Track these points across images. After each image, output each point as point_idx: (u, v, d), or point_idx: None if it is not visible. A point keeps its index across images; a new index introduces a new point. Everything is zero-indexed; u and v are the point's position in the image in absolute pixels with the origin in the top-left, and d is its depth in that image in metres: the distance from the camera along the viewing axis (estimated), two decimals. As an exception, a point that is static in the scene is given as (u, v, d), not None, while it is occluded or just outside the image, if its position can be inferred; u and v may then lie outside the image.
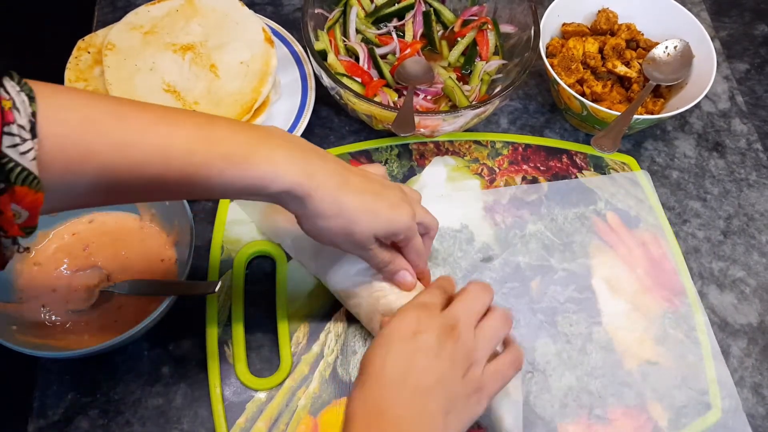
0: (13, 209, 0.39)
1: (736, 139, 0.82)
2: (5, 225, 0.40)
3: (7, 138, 0.37)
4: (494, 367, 0.51)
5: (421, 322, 0.49)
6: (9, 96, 0.38)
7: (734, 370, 0.66)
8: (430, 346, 0.48)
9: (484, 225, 0.71)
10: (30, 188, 0.39)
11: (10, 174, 0.38)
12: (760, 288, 0.71)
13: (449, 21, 0.83)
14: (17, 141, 0.38)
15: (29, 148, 0.38)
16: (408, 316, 0.50)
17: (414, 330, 0.48)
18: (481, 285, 0.54)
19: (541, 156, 0.76)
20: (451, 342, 0.48)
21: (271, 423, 0.58)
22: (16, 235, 0.41)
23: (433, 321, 0.49)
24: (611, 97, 0.78)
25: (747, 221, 0.76)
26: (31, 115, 0.38)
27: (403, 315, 0.50)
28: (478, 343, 0.50)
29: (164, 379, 0.61)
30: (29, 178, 0.38)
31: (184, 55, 0.74)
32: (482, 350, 0.50)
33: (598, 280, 0.68)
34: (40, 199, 0.40)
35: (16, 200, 0.39)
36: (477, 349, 0.50)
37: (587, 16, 0.83)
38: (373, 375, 0.47)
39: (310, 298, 0.65)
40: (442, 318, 0.50)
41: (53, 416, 0.59)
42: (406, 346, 0.48)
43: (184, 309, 0.63)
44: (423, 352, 0.47)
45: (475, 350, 0.50)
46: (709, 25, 0.93)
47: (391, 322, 0.50)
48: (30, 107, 0.38)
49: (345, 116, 0.79)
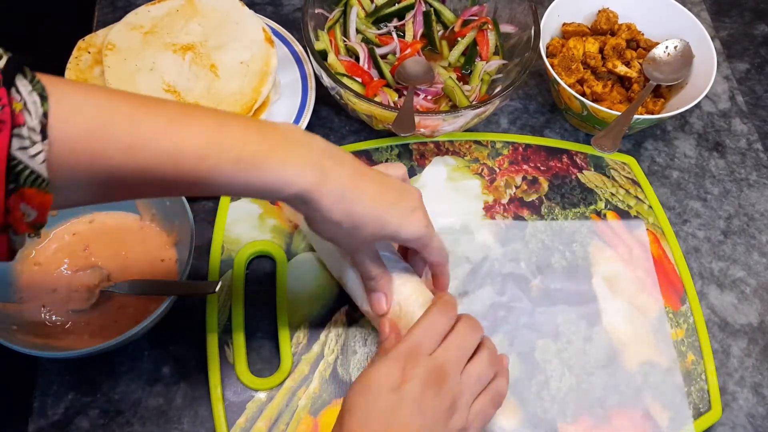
0: (22, 209, 0.39)
1: (737, 139, 0.82)
2: (15, 224, 0.40)
3: (16, 140, 0.37)
4: (477, 407, 0.51)
5: (406, 371, 0.48)
6: (20, 97, 0.38)
7: (734, 370, 0.66)
8: (414, 398, 0.47)
9: (484, 225, 0.71)
10: (39, 190, 0.39)
11: (19, 176, 0.38)
12: (761, 288, 0.71)
13: (449, 21, 0.83)
14: (27, 144, 0.37)
15: (39, 151, 0.38)
16: (393, 366, 0.49)
17: (399, 380, 0.48)
18: (471, 323, 0.53)
19: (541, 156, 0.76)
20: (435, 390, 0.48)
21: (272, 423, 0.58)
22: (25, 232, 0.41)
23: (419, 369, 0.48)
24: (611, 97, 0.78)
25: (747, 221, 0.76)
26: (42, 116, 0.38)
27: (388, 363, 0.49)
28: (464, 388, 0.50)
29: (164, 379, 0.61)
30: (38, 180, 0.38)
31: (184, 55, 0.74)
32: (467, 395, 0.50)
33: (598, 280, 0.68)
34: (48, 200, 0.40)
35: (25, 201, 0.39)
36: (463, 394, 0.50)
37: (587, 16, 0.83)
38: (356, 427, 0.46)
39: (310, 298, 0.65)
40: (430, 363, 0.49)
41: (53, 416, 0.59)
42: (389, 399, 0.47)
43: (184, 309, 0.63)
44: (406, 404, 0.47)
45: (461, 396, 0.50)
46: (710, 25, 0.93)
47: (376, 368, 0.49)
48: (42, 107, 0.38)
49: (345, 116, 0.79)
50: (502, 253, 0.69)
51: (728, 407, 0.64)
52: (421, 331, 0.52)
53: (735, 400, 0.64)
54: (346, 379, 0.61)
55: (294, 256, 0.67)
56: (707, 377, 0.63)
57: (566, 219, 0.72)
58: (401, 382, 0.48)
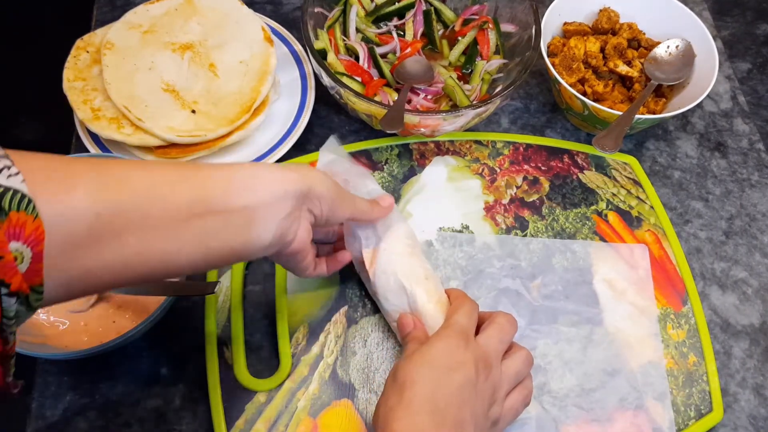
0: (12, 249, 0.33)
1: (738, 139, 0.82)
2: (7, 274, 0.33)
3: None
4: (510, 403, 0.53)
5: (463, 353, 0.50)
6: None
7: (736, 371, 0.65)
8: (470, 380, 0.49)
9: (484, 225, 0.70)
10: (27, 214, 0.34)
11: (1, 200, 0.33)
12: (762, 289, 0.71)
13: (450, 20, 0.83)
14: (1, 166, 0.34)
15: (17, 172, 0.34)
16: (453, 343, 0.51)
17: (458, 360, 0.50)
18: (509, 317, 0.56)
19: (542, 156, 0.76)
20: (483, 377, 0.50)
21: (271, 424, 0.58)
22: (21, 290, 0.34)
23: (471, 353, 0.51)
24: (613, 96, 0.77)
25: (749, 222, 0.75)
26: None
27: (447, 339, 0.52)
28: (503, 380, 0.53)
29: (163, 380, 0.61)
30: (24, 201, 0.34)
31: (183, 54, 0.74)
32: (505, 388, 0.53)
33: (599, 281, 0.68)
34: (41, 231, 0.34)
35: (15, 234, 0.33)
36: (502, 386, 0.52)
37: (588, 16, 0.83)
38: (420, 398, 0.48)
39: (309, 299, 0.64)
40: (478, 349, 0.52)
41: (52, 417, 0.59)
42: (452, 378, 0.49)
43: (183, 310, 0.63)
44: (464, 386, 0.49)
45: (500, 387, 0.52)
46: (711, 25, 0.92)
47: (436, 345, 0.51)
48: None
49: (345, 116, 0.79)
50: (502, 254, 0.68)
51: (730, 408, 0.63)
52: (464, 315, 0.54)
53: (737, 402, 0.64)
54: (345, 381, 0.60)
55: (293, 256, 0.67)
56: (709, 378, 0.63)
57: (567, 219, 0.72)
58: (460, 363, 0.50)
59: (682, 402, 0.62)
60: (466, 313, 0.55)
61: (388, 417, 0.47)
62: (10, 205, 0.33)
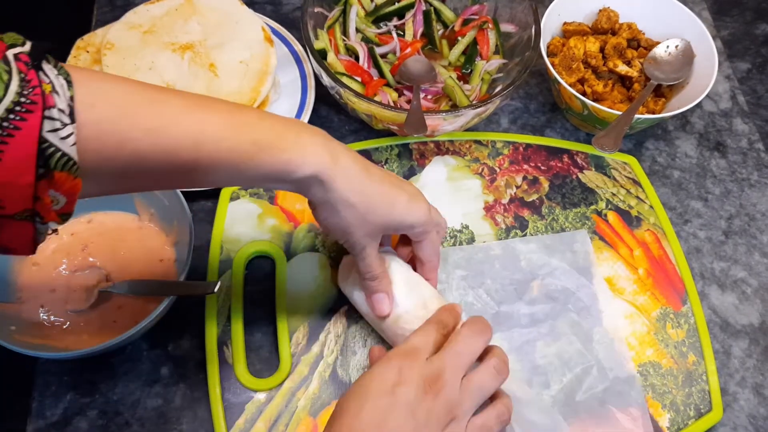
0: (50, 195, 0.38)
1: (738, 139, 0.82)
2: (42, 211, 0.39)
3: (47, 122, 0.37)
4: (479, 421, 0.49)
5: (402, 373, 0.47)
6: (48, 79, 0.38)
7: (735, 371, 0.65)
8: (408, 401, 0.46)
9: (484, 225, 0.70)
10: (69, 174, 0.38)
11: (50, 159, 0.37)
12: (762, 288, 0.71)
13: (449, 20, 0.83)
14: (58, 126, 0.37)
15: (69, 133, 0.38)
16: (389, 367, 0.48)
17: (393, 382, 0.46)
18: (477, 328, 0.51)
19: (541, 156, 0.76)
20: (431, 396, 0.46)
21: (271, 424, 0.58)
22: (53, 221, 0.40)
23: (415, 372, 0.47)
24: (612, 96, 0.77)
25: (748, 221, 0.75)
26: (69, 99, 0.38)
27: (384, 365, 0.48)
28: (464, 396, 0.48)
29: (163, 379, 0.61)
30: (69, 163, 0.38)
31: (183, 54, 0.74)
32: (467, 405, 0.48)
33: (599, 281, 0.68)
34: (78, 185, 0.39)
35: (55, 186, 0.38)
36: (461, 403, 0.48)
37: (588, 16, 0.83)
38: (345, 428, 0.45)
39: (309, 299, 0.64)
40: (427, 368, 0.48)
41: (52, 417, 0.59)
42: (382, 401, 0.46)
43: (184, 309, 0.62)
44: (399, 407, 0.46)
45: (459, 405, 0.47)
46: (711, 25, 0.92)
47: (372, 370, 0.48)
48: (68, 91, 0.38)
49: (345, 116, 0.79)
50: (502, 253, 0.69)
51: (729, 408, 0.64)
52: (421, 334, 0.51)
53: (736, 401, 0.64)
54: (345, 380, 0.61)
55: (293, 256, 0.67)
56: (708, 378, 0.63)
57: (567, 219, 0.72)
58: (395, 385, 0.46)
59: (681, 401, 0.62)
60: (424, 331, 0.51)
61: None
62: (56, 165, 0.37)
